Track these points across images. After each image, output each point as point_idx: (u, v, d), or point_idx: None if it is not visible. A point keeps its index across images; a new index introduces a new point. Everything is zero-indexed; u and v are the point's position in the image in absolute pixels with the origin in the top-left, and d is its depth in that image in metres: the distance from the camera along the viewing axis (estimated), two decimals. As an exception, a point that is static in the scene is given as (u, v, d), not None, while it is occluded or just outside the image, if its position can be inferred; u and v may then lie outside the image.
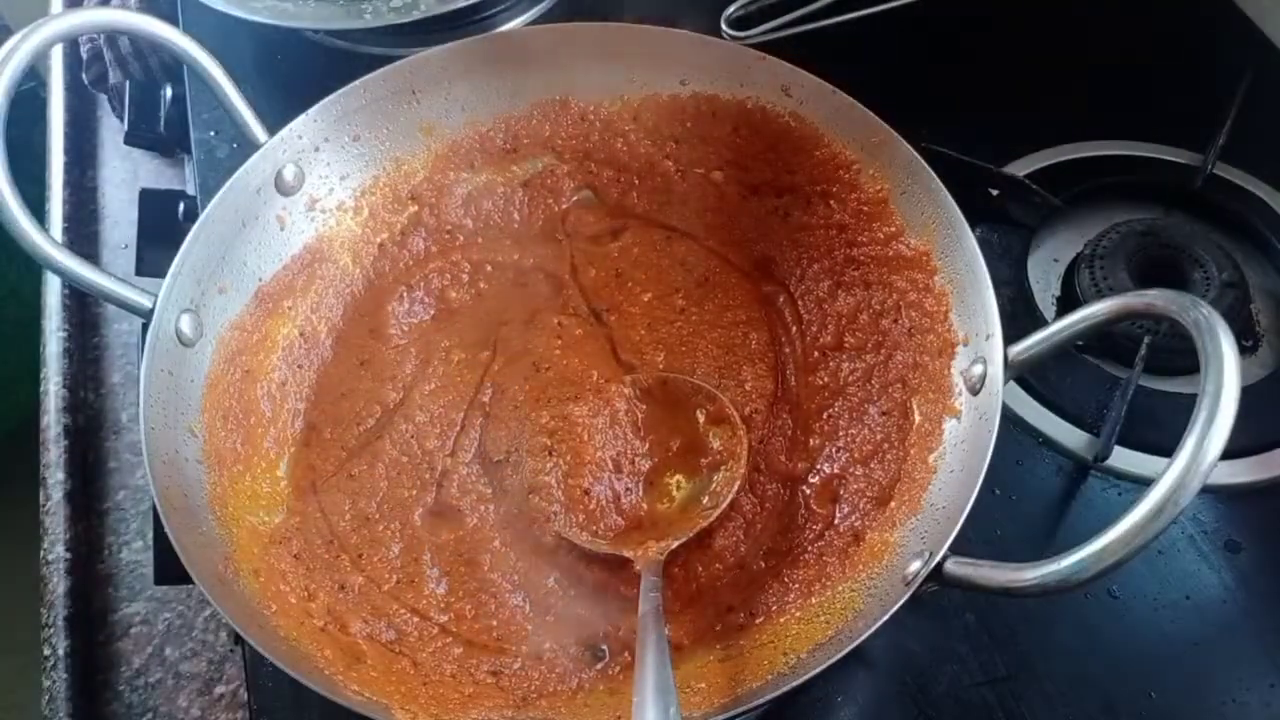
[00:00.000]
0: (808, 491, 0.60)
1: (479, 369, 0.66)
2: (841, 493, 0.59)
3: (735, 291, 0.68)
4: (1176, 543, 0.62)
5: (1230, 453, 0.49)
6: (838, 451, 0.60)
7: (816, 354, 0.64)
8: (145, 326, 0.57)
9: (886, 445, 0.59)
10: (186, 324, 0.58)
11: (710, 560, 0.58)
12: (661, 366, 0.65)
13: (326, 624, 0.54)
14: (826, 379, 0.63)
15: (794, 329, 0.65)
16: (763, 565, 0.57)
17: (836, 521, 0.58)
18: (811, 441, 0.61)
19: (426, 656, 0.54)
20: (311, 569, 0.57)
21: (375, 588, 0.57)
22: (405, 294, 0.68)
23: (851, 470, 0.59)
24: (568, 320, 0.68)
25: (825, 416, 0.62)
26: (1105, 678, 0.57)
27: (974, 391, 0.54)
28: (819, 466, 0.60)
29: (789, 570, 0.57)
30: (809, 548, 0.57)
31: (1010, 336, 0.53)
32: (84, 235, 0.94)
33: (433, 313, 0.68)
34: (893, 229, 0.62)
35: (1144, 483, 0.61)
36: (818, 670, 0.45)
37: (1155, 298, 0.47)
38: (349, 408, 0.64)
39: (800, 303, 0.66)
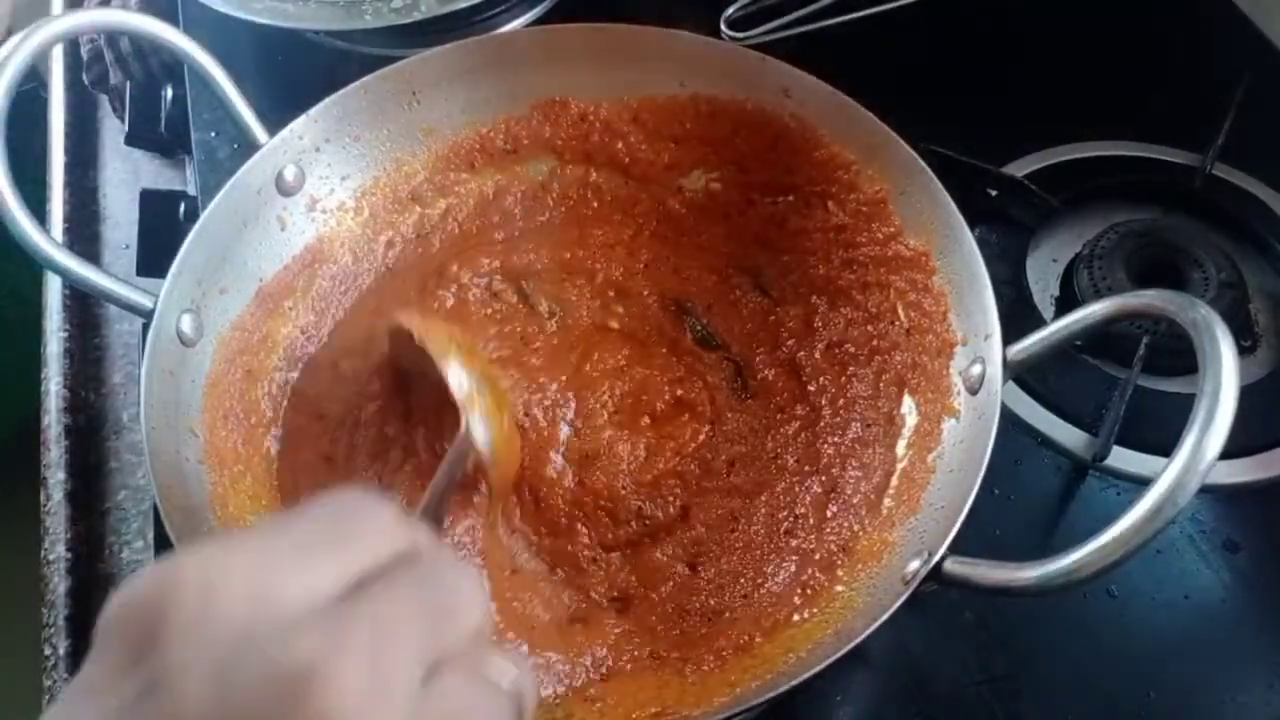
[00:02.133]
0: (797, 496, 0.59)
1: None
2: (835, 495, 0.59)
3: (730, 310, 0.67)
4: (1175, 542, 0.62)
5: (1229, 452, 0.49)
6: (828, 456, 0.60)
7: (818, 356, 0.64)
8: (146, 327, 0.57)
9: (879, 447, 0.59)
10: (187, 324, 0.58)
11: (705, 564, 0.58)
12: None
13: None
14: (821, 382, 0.63)
15: (790, 340, 0.65)
16: (759, 567, 0.58)
17: (832, 524, 0.58)
18: (799, 449, 0.61)
19: None
20: None
21: None
22: (407, 295, 0.68)
23: (845, 474, 0.59)
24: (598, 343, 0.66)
25: (816, 422, 0.62)
26: (1105, 677, 0.57)
27: (973, 391, 0.54)
28: (809, 471, 0.60)
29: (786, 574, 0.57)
30: (805, 549, 0.57)
31: (1009, 336, 0.53)
32: (85, 235, 0.94)
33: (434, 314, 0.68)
34: (892, 229, 0.62)
35: (1143, 482, 0.61)
36: (817, 669, 0.45)
37: (1154, 298, 0.47)
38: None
39: (797, 307, 0.66)
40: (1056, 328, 0.51)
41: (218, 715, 0.24)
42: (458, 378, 0.56)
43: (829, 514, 0.58)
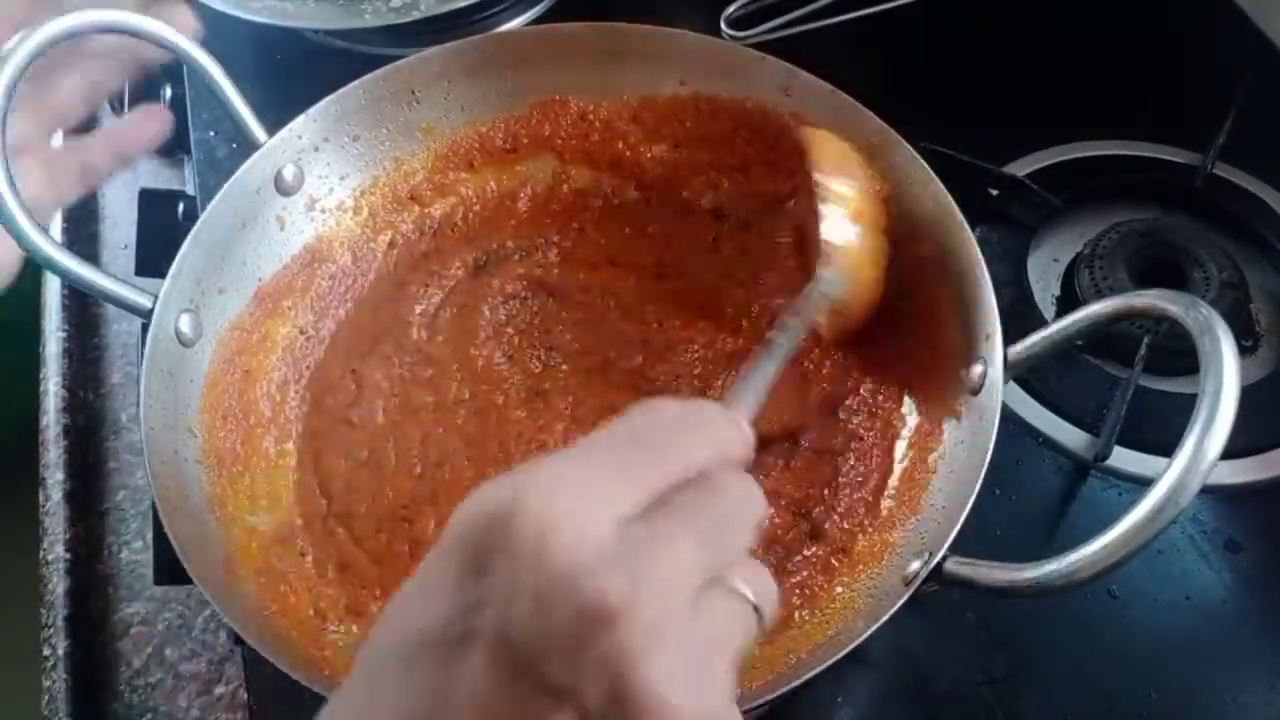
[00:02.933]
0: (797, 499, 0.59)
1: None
2: (833, 495, 0.58)
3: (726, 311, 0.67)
4: (1176, 543, 0.62)
5: (1230, 453, 0.49)
6: (826, 455, 0.60)
7: (817, 355, 0.64)
8: (145, 327, 0.57)
9: (878, 449, 0.59)
10: (186, 324, 0.58)
11: None
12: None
13: (329, 623, 0.54)
14: (819, 383, 0.62)
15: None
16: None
17: (832, 525, 0.57)
18: (798, 451, 0.61)
19: None
20: (323, 565, 0.57)
21: (391, 575, 0.57)
22: (407, 295, 0.68)
23: (842, 473, 0.59)
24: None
25: (815, 423, 0.61)
26: (1105, 678, 0.57)
27: (974, 392, 0.54)
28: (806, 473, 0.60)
29: (786, 578, 0.56)
30: (804, 551, 0.57)
31: (1010, 336, 0.53)
32: (84, 235, 0.94)
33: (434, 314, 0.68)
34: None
35: (1144, 483, 0.61)
36: (817, 670, 0.45)
37: (1155, 297, 0.47)
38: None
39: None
40: (1058, 327, 0.51)
41: (536, 643, 0.28)
42: (836, 219, 0.51)
43: (833, 516, 0.57)
